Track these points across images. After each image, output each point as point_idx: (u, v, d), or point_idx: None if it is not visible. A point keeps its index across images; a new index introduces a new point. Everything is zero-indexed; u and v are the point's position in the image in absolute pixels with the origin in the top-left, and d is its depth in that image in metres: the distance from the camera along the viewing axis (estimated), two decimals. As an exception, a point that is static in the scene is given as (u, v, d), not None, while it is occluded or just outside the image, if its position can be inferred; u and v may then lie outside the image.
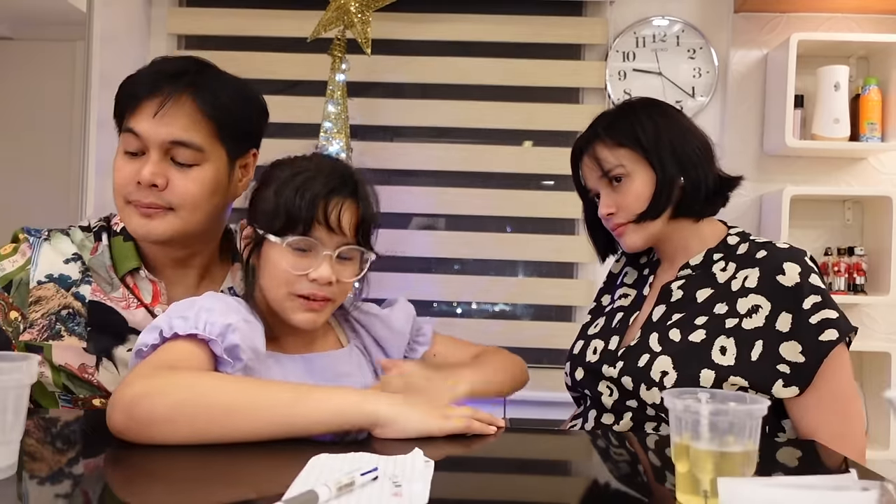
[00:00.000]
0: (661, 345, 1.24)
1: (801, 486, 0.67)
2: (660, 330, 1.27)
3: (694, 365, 1.20)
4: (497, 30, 2.75)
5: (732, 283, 1.26)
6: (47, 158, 3.31)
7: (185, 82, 1.17)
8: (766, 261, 1.24)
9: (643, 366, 1.23)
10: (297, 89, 2.79)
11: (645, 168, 1.29)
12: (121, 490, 0.82)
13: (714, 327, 1.22)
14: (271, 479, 0.83)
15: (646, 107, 1.34)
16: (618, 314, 1.38)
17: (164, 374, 0.95)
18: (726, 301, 1.24)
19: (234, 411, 0.92)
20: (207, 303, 1.05)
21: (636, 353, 1.26)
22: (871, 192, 2.55)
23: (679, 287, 1.31)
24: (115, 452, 0.91)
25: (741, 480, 0.72)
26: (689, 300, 1.28)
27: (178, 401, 0.91)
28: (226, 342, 1.01)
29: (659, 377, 1.20)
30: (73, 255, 1.23)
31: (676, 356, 1.21)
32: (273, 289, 1.11)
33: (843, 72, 2.50)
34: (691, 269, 1.32)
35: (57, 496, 0.79)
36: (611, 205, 1.31)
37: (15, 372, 0.79)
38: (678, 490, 0.79)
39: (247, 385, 0.97)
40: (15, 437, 0.81)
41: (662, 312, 1.30)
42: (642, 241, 1.32)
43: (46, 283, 1.20)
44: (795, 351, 1.17)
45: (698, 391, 0.81)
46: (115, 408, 0.92)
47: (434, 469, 0.85)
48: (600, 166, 1.31)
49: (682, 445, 0.78)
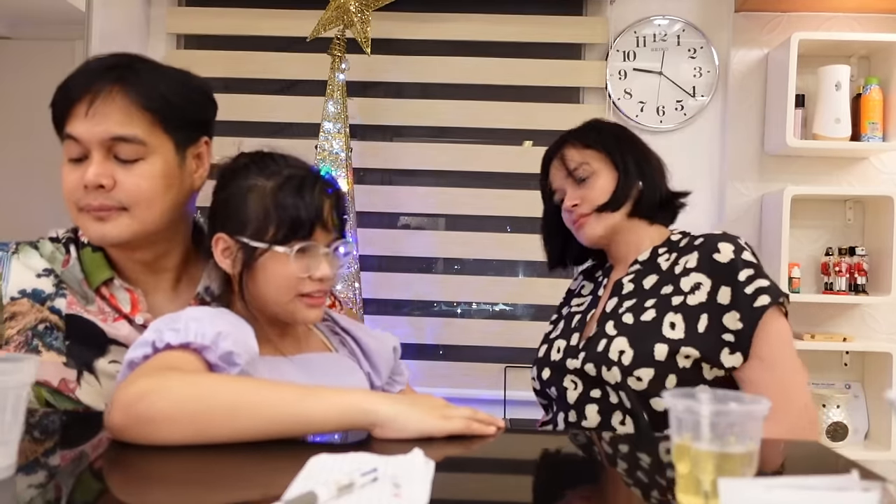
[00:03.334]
0: (617, 329, 1.34)
1: (802, 486, 0.67)
2: (614, 318, 1.37)
3: (648, 341, 1.29)
4: (497, 30, 2.75)
5: (675, 268, 1.38)
6: (47, 158, 3.31)
7: (113, 77, 1.11)
8: (703, 245, 1.37)
9: (602, 350, 1.32)
10: (297, 89, 2.79)
11: (609, 168, 1.43)
12: (120, 491, 0.82)
13: (662, 306, 1.33)
14: (269, 479, 0.83)
15: (610, 124, 1.51)
16: (576, 316, 1.50)
17: (166, 373, 0.94)
18: (671, 283, 1.36)
19: (236, 410, 0.92)
20: (194, 314, 1.05)
21: (595, 341, 1.36)
22: (873, 192, 2.54)
23: (630, 280, 1.42)
24: (114, 453, 0.90)
25: (742, 481, 0.71)
26: (639, 289, 1.39)
27: (179, 398, 0.90)
28: (219, 349, 1.00)
29: (617, 356, 1.30)
30: (45, 269, 1.19)
31: (631, 335, 1.32)
32: (277, 295, 1.12)
33: (844, 71, 2.49)
34: (640, 265, 1.43)
35: (57, 496, 0.79)
36: (575, 198, 1.44)
37: (15, 372, 0.79)
38: (679, 490, 0.79)
39: (249, 384, 0.96)
40: (14, 437, 0.81)
41: (615, 304, 1.40)
42: (601, 231, 1.43)
43: (20, 299, 1.16)
44: (735, 319, 1.28)
45: (698, 391, 0.81)
46: (115, 406, 0.91)
47: (434, 469, 0.84)
48: (566, 166, 1.45)
49: (682, 446, 0.77)
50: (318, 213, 1.10)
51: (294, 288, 1.11)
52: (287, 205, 1.09)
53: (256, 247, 1.09)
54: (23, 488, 0.79)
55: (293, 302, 1.11)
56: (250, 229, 1.10)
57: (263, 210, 1.09)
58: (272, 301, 1.12)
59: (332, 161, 2.33)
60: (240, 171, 1.14)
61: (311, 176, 1.13)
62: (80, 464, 0.91)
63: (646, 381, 1.29)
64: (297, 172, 1.13)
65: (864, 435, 2.57)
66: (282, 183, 1.10)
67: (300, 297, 1.11)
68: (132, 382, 0.93)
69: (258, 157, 1.16)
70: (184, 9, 2.84)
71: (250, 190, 1.11)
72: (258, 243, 1.10)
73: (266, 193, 1.10)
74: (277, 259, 1.10)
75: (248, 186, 1.12)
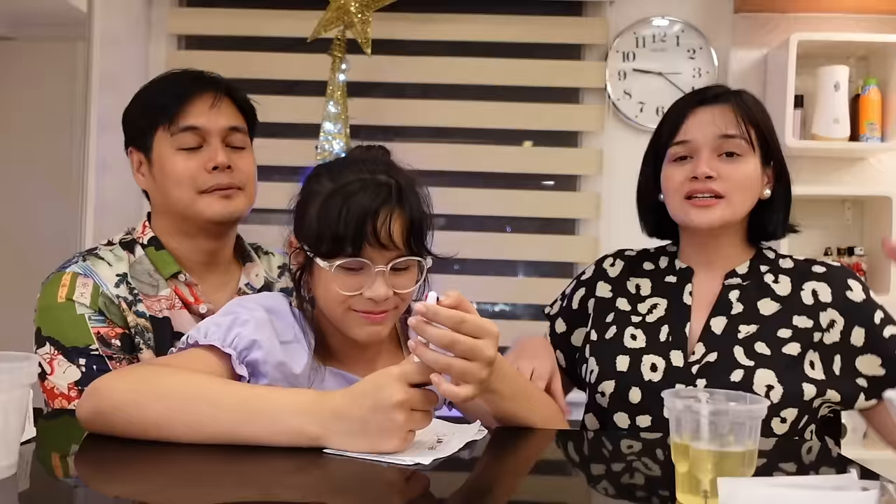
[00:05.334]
0: (752, 359, 1.21)
1: (801, 485, 0.67)
2: (740, 343, 1.23)
3: (796, 379, 1.20)
4: (497, 30, 2.75)
5: (801, 295, 1.26)
6: (48, 158, 3.31)
7: (219, 84, 1.33)
8: (831, 276, 1.27)
9: (740, 381, 1.19)
10: (297, 89, 2.79)
11: (757, 161, 1.26)
12: (124, 490, 0.82)
13: (804, 341, 1.22)
14: (270, 479, 0.83)
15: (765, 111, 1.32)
16: (662, 327, 1.29)
17: (131, 371, 0.99)
18: (807, 315, 1.24)
19: (171, 423, 0.91)
20: (247, 314, 1.04)
21: (721, 368, 1.21)
22: (871, 193, 2.55)
23: (737, 299, 1.27)
24: (118, 452, 0.90)
25: (741, 480, 0.72)
26: (752, 311, 1.25)
27: (118, 403, 0.92)
28: (248, 357, 1.01)
29: (764, 391, 1.18)
30: (118, 275, 1.30)
31: (777, 369, 1.20)
32: (329, 307, 1.07)
33: (842, 72, 2.50)
34: (740, 279, 1.29)
35: (57, 496, 0.79)
36: (713, 169, 1.22)
37: (15, 372, 0.80)
38: (678, 490, 0.79)
39: (197, 396, 0.92)
40: (15, 436, 0.81)
41: (724, 324, 1.25)
42: (721, 222, 1.24)
43: (121, 299, 1.28)
44: (875, 364, 1.22)
45: (698, 391, 0.81)
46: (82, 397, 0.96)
47: (434, 469, 0.85)
48: (722, 128, 1.24)
49: (681, 445, 0.78)
50: (367, 230, 1.00)
51: (342, 303, 1.04)
52: (331, 216, 1.01)
53: (310, 255, 1.05)
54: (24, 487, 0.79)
55: (346, 316, 1.05)
56: (308, 238, 1.05)
57: (316, 218, 1.03)
58: (327, 313, 1.08)
59: (333, 161, 2.34)
60: (320, 169, 1.10)
61: (374, 185, 1.02)
62: (83, 463, 0.92)
63: (789, 422, 1.19)
64: (357, 180, 1.03)
65: (863, 434, 2.57)
66: (334, 191, 1.03)
67: (356, 311, 1.04)
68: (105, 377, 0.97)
69: (341, 158, 1.14)
70: (185, 10, 2.84)
71: (312, 193, 1.06)
72: (309, 251, 1.05)
73: (320, 200, 1.04)
74: (323, 272, 1.04)
75: (313, 189, 1.07)
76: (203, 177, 1.29)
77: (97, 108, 2.52)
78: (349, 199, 1.01)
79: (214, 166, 1.28)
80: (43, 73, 3.36)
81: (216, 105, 1.30)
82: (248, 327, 1.02)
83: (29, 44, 3.39)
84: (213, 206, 1.29)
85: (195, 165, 1.29)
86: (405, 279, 1.05)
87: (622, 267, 1.40)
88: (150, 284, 1.30)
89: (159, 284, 1.31)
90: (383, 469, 0.87)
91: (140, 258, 1.32)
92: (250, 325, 1.03)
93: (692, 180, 1.24)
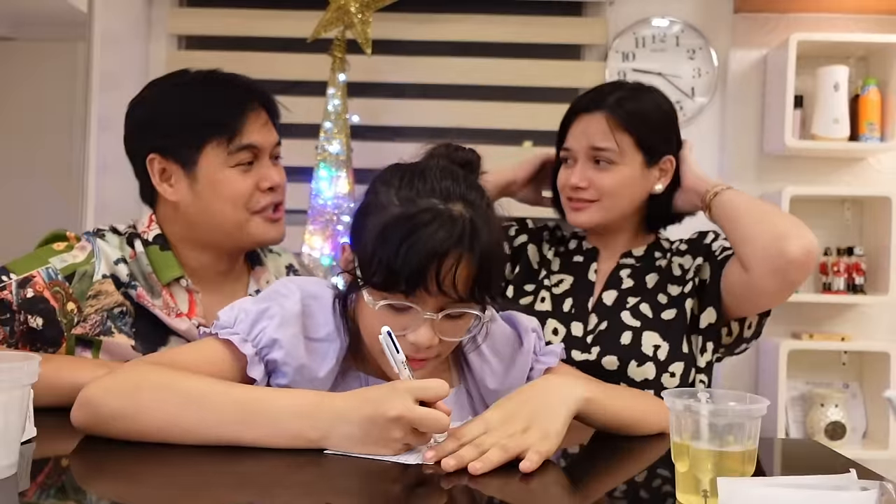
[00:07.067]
0: (638, 320, 1.32)
1: (800, 485, 0.68)
2: (629, 309, 1.33)
3: (678, 335, 1.30)
4: (497, 30, 2.75)
5: (672, 267, 1.38)
6: (48, 158, 3.30)
7: (263, 95, 1.33)
8: (692, 241, 1.41)
9: (629, 343, 1.28)
10: (297, 89, 2.79)
11: (636, 164, 1.33)
12: (124, 490, 0.82)
13: (679, 305, 1.33)
14: (270, 480, 0.83)
15: (657, 96, 1.39)
16: (567, 299, 1.38)
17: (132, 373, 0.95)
18: (678, 284, 1.35)
19: (168, 427, 0.90)
20: (277, 307, 0.99)
21: (613, 333, 1.31)
22: (871, 193, 2.55)
23: (629, 276, 1.38)
24: (118, 452, 0.91)
25: (741, 480, 0.72)
26: (641, 286, 1.36)
27: (115, 409, 0.91)
28: (267, 356, 0.99)
29: (652, 351, 1.28)
30: (119, 258, 1.26)
31: (661, 330, 1.30)
32: (368, 338, 0.98)
33: (842, 72, 2.50)
34: (635, 259, 1.40)
35: (57, 496, 0.79)
36: (584, 178, 1.32)
37: (15, 372, 0.80)
38: (678, 490, 0.79)
39: (190, 402, 0.91)
40: (15, 436, 0.81)
41: (615, 297, 1.36)
42: (596, 223, 1.35)
43: (108, 279, 1.23)
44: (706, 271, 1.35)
45: (698, 391, 0.81)
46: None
47: (433, 469, 0.85)
48: (591, 140, 1.31)
49: (681, 445, 0.78)
50: (427, 272, 0.88)
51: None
52: (389, 246, 0.89)
53: (358, 278, 0.96)
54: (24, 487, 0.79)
55: (383, 354, 0.93)
56: (361, 255, 0.95)
57: (373, 241, 0.91)
58: (365, 339, 1.00)
59: (333, 162, 2.33)
60: (392, 175, 0.97)
61: (446, 220, 0.89)
62: (84, 463, 0.92)
63: (678, 376, 1.28)
64: (428, 209, 0.90)
65: (863, 434, 2.58)
66: (399, 217, 0.90)
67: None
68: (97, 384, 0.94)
69: (408, 170, 0.97)
70: (185, 10, 2.84)
71: (376, 206, 0.94)
72: (358, 276, 0.95)
73: (382, 221, 0.91)
74: (366, 302, 0.95)
75: (379, 201, 0.94)
76: (256, 196, 1.27)
77: (97, 108, 2.52)
78: (414, 232, 0.88)
79: (270, 186, 1.27)
80: (43, 73, 3.36)
81: (268, 122, 1.30)
82: (273, 323, 0.98)
83: (29, 44, 3.38)
84: (259, 228, 1.28)
85: (250, 184, 1.26)
86: (456, 328, 0.96)
87: (548, 238, 1.50)
88: (147, 288, 1.25)
89: (154, 290, 1.25)
90: (383, 469, 0.87)
91: (140, 256, 1.26)
92: (275, 321, 0.98)
93: (571, 185, 1.34)
